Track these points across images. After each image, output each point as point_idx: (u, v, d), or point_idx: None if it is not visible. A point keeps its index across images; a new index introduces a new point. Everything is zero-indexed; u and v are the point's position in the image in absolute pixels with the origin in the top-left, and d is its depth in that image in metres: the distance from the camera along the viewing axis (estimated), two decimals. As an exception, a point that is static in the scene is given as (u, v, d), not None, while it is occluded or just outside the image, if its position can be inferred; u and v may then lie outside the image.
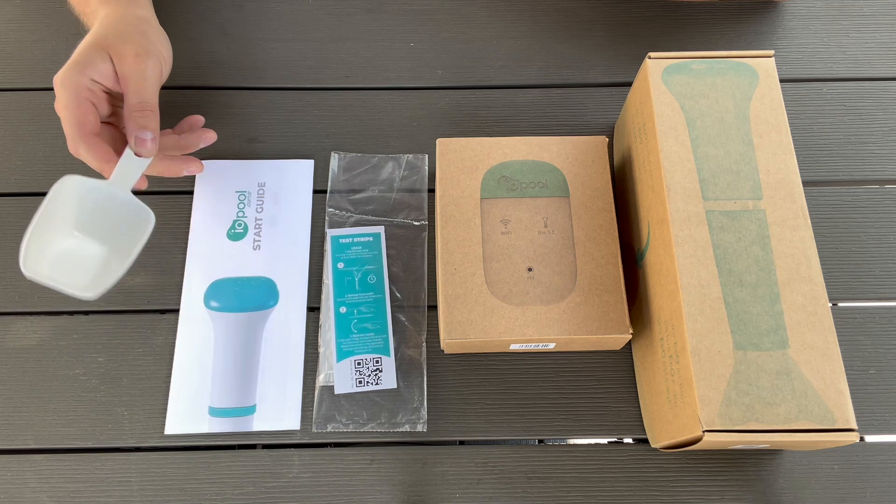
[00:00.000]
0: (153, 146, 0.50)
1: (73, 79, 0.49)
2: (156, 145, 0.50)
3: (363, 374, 0.53)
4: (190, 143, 0.56)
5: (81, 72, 0.50)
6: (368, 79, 0.64)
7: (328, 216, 0.59)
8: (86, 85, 0.50)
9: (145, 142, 0.50)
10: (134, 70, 0.50)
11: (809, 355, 0.43)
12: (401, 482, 0.51)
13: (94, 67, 0.50)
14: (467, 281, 0.51)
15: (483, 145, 0.55)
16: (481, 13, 0.67)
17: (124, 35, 0.52)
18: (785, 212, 0.47)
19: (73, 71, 0.50)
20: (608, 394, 0.54)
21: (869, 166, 0.61)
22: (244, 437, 0.52)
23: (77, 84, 0.49)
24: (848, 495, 0.51)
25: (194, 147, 0.57)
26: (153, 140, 0.50)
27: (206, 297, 0.55)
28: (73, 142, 0.50)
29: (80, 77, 0.49)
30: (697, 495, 0.51)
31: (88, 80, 0.50)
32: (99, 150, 0.50)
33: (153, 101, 0.51)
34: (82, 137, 0.49)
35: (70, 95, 0.49)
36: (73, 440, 0.52)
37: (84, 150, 0.50)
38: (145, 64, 0.51)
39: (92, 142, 0.50)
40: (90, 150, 0.49)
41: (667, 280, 0.47)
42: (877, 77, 0.64)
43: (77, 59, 0.50)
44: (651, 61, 0.52)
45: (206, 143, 0.57)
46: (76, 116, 0.49)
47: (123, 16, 0.53)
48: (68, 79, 0.49)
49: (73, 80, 0.49)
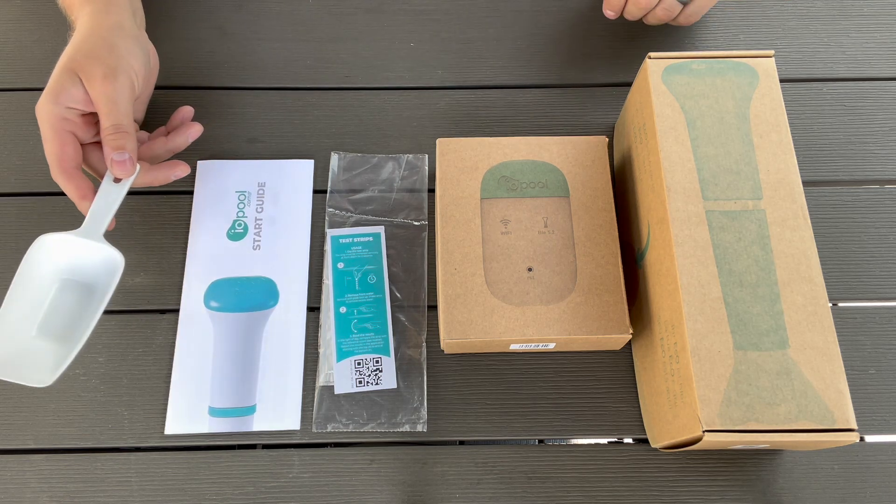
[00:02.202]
0: (132, 166, 0.51)
1: (48, 110, 0.50)
2: (134, 164, 0.51)
3: (363, 374, 0.53)
4: (179, 143, 0.56)
5: (55, 101, 0.50)
6: (368, 79, 0.64)
7: (328, 216, 0.59)
8: (61, 115, 0.50)
9: (123, 163, 0.50)
10: (102, 94, 0.50)
11: (809, 355, 0.43)
12: (401, 482, 0.51)
13: (66, 94, 0.50)
14: (467, 281, 0.51)
15: (483, 145, 0.55)
16: (481, 13, 0.67)
17: (92, 53, 0.51)
18: (785, 212, 0.47)
19: (47, 101, 0.50)
20: (608, 394, 0.54)
21: (869, 166, 0.61)
22: (244, 437, 0.52)
23: (53, 116, 0.50)
24: (848, 495, 0.51)
25: (183, 145, 0.57)
26: (130, 160, 0.50)
27: (206, 297, 0.55)
28: (53, 174, 0.51)
29: (55, 107, 0.50)
30: (697, 495, 0.51)
31: (63, 109, 0.50)
32: (75, 186, 0.51)
33: (126, 122, 0.51)
34: (61, 172, 0.50)
35: (47, 128, 0.50)
36: (73, 440, 0.52)
37: (62, 184, 0.51)
38: (113, 86, 0.50)
39: (70, 176, 0.50)
40: (67, 184, 0.51)
41: (667, 280, 0.47)
42: (877, 77, 0.64)
43: (51, 88, 0.50)
44: (651, 61, 0.52)
45: (194, 136, 0.57)
46: (54, 151, 0.50)
47: (94, 28, 0.53)
48: (44, 110, 0.50)
49: (48, 111, 0.50)
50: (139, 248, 0.57)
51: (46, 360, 0.48)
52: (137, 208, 0.53)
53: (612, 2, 0.59)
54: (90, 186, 0.51)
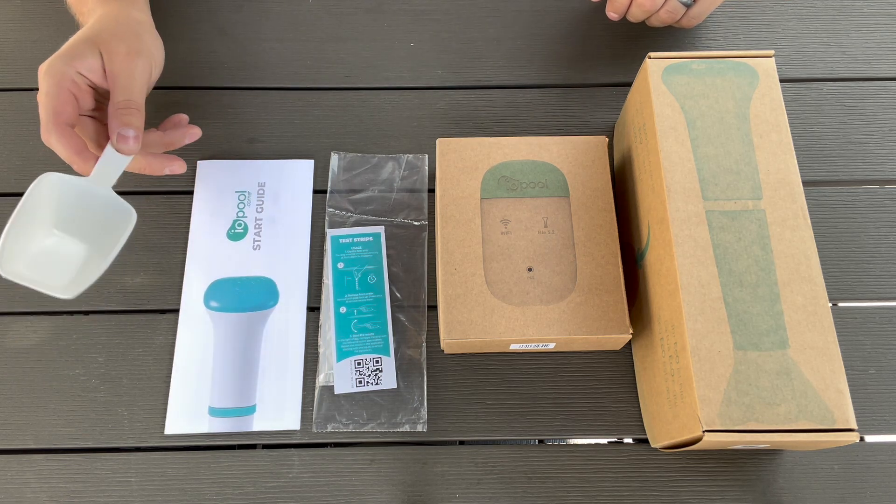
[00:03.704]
0: (135, 144, 0.49)
1: (58, 68, 0.49)
2: (138, 143, 0.50)
3: (363, 374, 0.53)
4: (174, 139, 0.56)
5: (69, 63, 0.49)
6: (368, 79, 0.64)
7: (328, 216, 0.59)
8: (71, 76, 0.49)
9: (127, 139, 0.49)
10: (123, 67, 0.50)
11: (809, 355, 0.43)
12: (401, 482, 0.51)
13: (82, 60, 0.49)
14: (467, 281, 0.51)
15: (483, 145, 0.55)
16: (481, 13, 0.67)
17: (117, 34, 0.51)
18: (785, 212, 0.47)
19: (59, 61, 0.49)
20: (608, 394, 0.54)
21: (869, 166, 0.61)
22: (244, 437, 0.52)
23: (61, 74, 0.49)
24: (848, 495, 0.51)
25: (178, 143, 0.56)
26: (135, 138, 0.49)
27: (206, 297, 0.55)
28: (45, 130, 0.49)
29: (66, 68, 0.49)
30: (697, 495, 0.51)
31: (74, 72, 0.49)
32: (70, 141, 0.49)
33: (139, 100, 0.51)
34: (55, 126, 0.48)
35: (52, 83, 0.49)
36: (73, 440, 0.52)
37: (55, 139, 0.49)
38: (135, 63, 0.50)
39: (64, 131, 0.49)
40: (61, 139, 0.48)
41: (667, 280, 0.47)
42: (877, 77, 0.64)
43: (66, 51, 0.50)
44: (651, 61, 0.52)
45: (192, 139, 0.57)
46: (53, 105, 0.48)
47: (119, 16, 0.53)
48: (53, 67, 0.49)
49: (58, 69, 0.49)
50: (139, 248, 0.57)
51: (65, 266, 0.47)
52: (137, 208, 0.53)
53: (616, 4, 0.59)
54: (83, 144, 0.50)
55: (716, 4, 0.60)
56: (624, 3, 0.59)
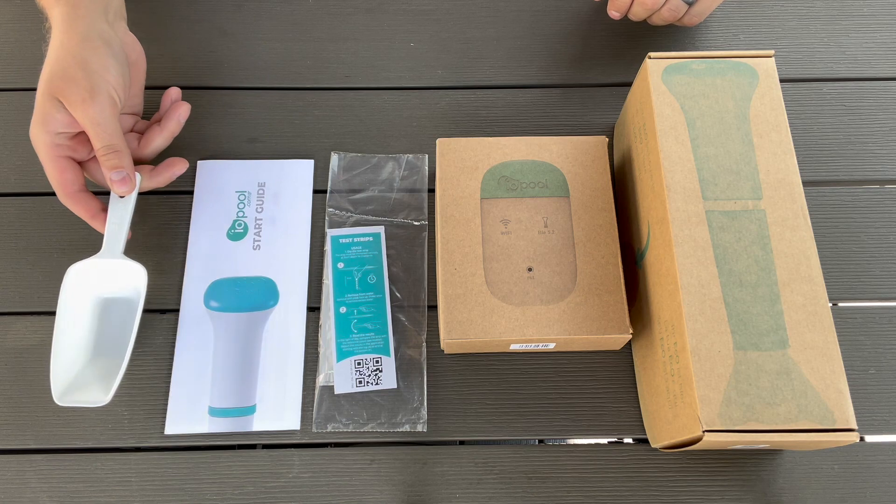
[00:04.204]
0: (131, 183, 0.52)
1: (39, 139, 0.50)
2: (133, 180, 0.52)
3: (363, 374, 0.53)
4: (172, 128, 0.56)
5: (44, 130, 0.50)
6: (368, 79, 0.64)
7: (328, 216, 0.59)
8: (53, 142, 0.51)
9: (122, 181, 0.51)
10: (85, 117, 0.50)
11: (809, 355, 0.43)
12: (401, 482, 0.51)
13: (52, 120, 0.50)
14: (467, 281, 0.51)
15: (483, 145, 0.55)
16: (481, 13, 0.67)
17: (66, 75, 0.50)
18: (785, 212, 0.47)
19: (36, 130, 0.50)
20: (608, 394, 0.54)
21: (869, 166, 0.61)
22: (244, 437, 0.52)
23: (44, 144, 0.50)
24: (848, 495, 0.51)
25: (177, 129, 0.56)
26: (129, 177, 0.51)
27: (206, 297, 0.55)
28: (59, 199, 0.52)
29: (45, 135, 0.50)
30: (697, 495, 0.51)
31: (54, 136, 0.51)
32: (84, 207, 0.52)
33: (117, 140, 0.51)
34: (66, 197, 0.52)
35: (42, 156, 0.51)
36: (73, 440, 0.52)
37: (70, 207, 0.52)
38: (94, 108, 0.50)
39: (76, 199, 0.52)
40: (76, 208, 0.52)
41: (667, 280, 0.47)
42: (877, 77, 0.64)
43: (37, 115, 0.50)
44: (651, 61, 0.52)
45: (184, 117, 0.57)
46: (55, 177, 0.51)
47: (64, 41, 0.51)
48: (36, 139, 0.51)
49: (39, 140, 0.50)
50: (139, 248, 0.57)
51: (100, 378, 0.50)
52: (137, 208, 0.53)
53: (618, 2, 0.59)
54: (98, 205, 0.53)
55: (718, 2, 0.60)
56: (626, 2, 0.59)
